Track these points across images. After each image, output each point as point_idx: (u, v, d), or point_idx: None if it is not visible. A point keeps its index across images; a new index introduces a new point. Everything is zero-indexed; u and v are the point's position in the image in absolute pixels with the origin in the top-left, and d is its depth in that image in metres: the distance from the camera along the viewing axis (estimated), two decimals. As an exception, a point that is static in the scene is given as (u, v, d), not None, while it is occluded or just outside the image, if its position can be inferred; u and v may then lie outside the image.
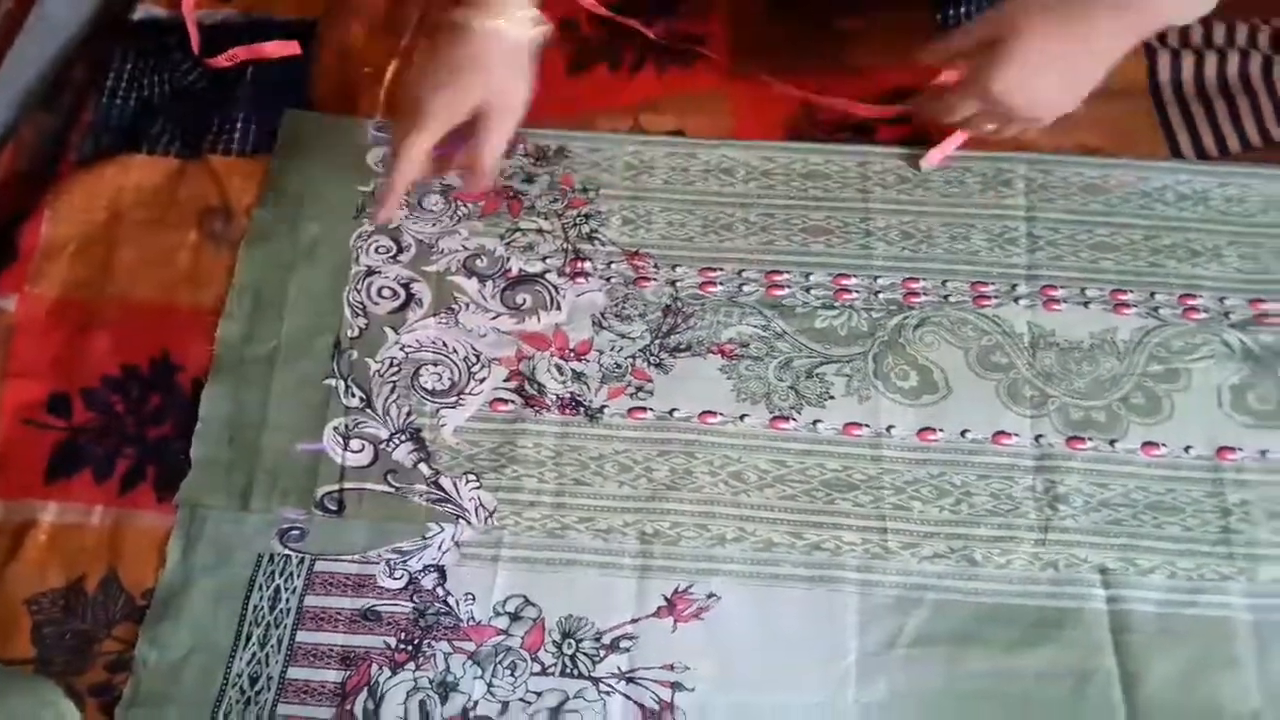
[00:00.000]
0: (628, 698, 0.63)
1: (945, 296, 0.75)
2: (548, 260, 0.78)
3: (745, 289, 0.76)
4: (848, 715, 0.62)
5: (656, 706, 0.63)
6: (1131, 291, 0.75)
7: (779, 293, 0.76)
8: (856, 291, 0.76)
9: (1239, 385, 0.72)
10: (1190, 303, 0.75)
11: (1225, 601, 0.65)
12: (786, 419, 0.71)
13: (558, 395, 0.73)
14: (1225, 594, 0.65)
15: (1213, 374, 0.72)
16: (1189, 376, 0.72)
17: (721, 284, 0.77)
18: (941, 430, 0.71)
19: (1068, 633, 0.64)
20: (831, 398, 0.72)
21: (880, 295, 0.76)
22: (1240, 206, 0.78)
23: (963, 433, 0.71)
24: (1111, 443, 0.70)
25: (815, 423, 0.71)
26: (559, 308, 0.76)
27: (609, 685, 0.63)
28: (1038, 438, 0.70)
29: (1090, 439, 0.70)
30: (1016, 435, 0.70)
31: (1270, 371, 0.72)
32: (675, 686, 0.63)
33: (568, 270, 0.77)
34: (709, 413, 0.72)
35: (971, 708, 0.62)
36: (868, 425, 0.71)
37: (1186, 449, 0.70)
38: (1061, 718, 0.62)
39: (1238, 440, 0.70)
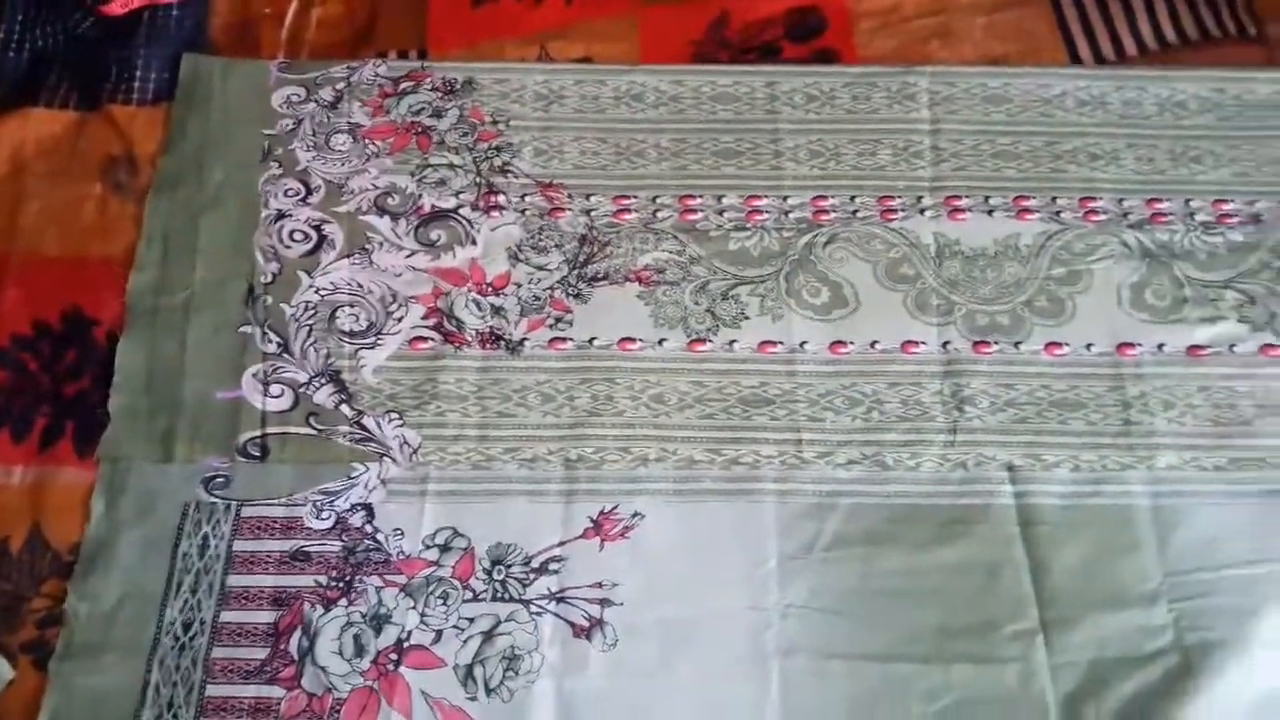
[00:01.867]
0: (558, 616, 0.65)
1: (854, 212, 0.77)
2: (460, 195, 0.78)
3: (660, 215, 0.77)
4: (770, 617, 0.64)
5: (587, 623, 0.64)
6: (1034, 197, 0.77)
7: (692, 217, 0.77)
8: (768, 212, 0.77)
9: (1138, 283, 0.74)
10: (1090, 205, 0.77)
11: (1126, 490, 0.68)
12: (703, 341, 0.73)
13: (477, 330, 0.73)
14: (1126, 483, 0.68)
15: (1113, 273, 0.75)
16: (1090, 277, 0.75)
17: (636, 211, 0.77)
18: (852, 343, 0.72)
19: (978, 528, 0.67)
20: (746, 318, 0.73)
21: (791, 215, 0.77)
22: (1136, 110, 0.80)
23: (872, 344, 0.72)
24: (1016, 345, 0.72)
25: (731, 343, 0.72)
26: (474, 242, 0.76)
27: (540, 606, 0.65)
28: (945, 344, 0.72)
29: (995, 342, 0.72)
30: (924, 343, 0.72)
31: (1166, 268, 0.75)
32: (604, 603, 0.65)
33: (481, 204, 0.77)
34: (628, 339, 0.73)
35: (887, 604, 0.65)
36: (781, 343, 0.72)
37: (1088, 347, 0.72)
38: (974, 608, 0.65)
39: (1136, 336, 0.72)
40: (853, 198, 0.77)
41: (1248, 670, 0.63)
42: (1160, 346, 0.72)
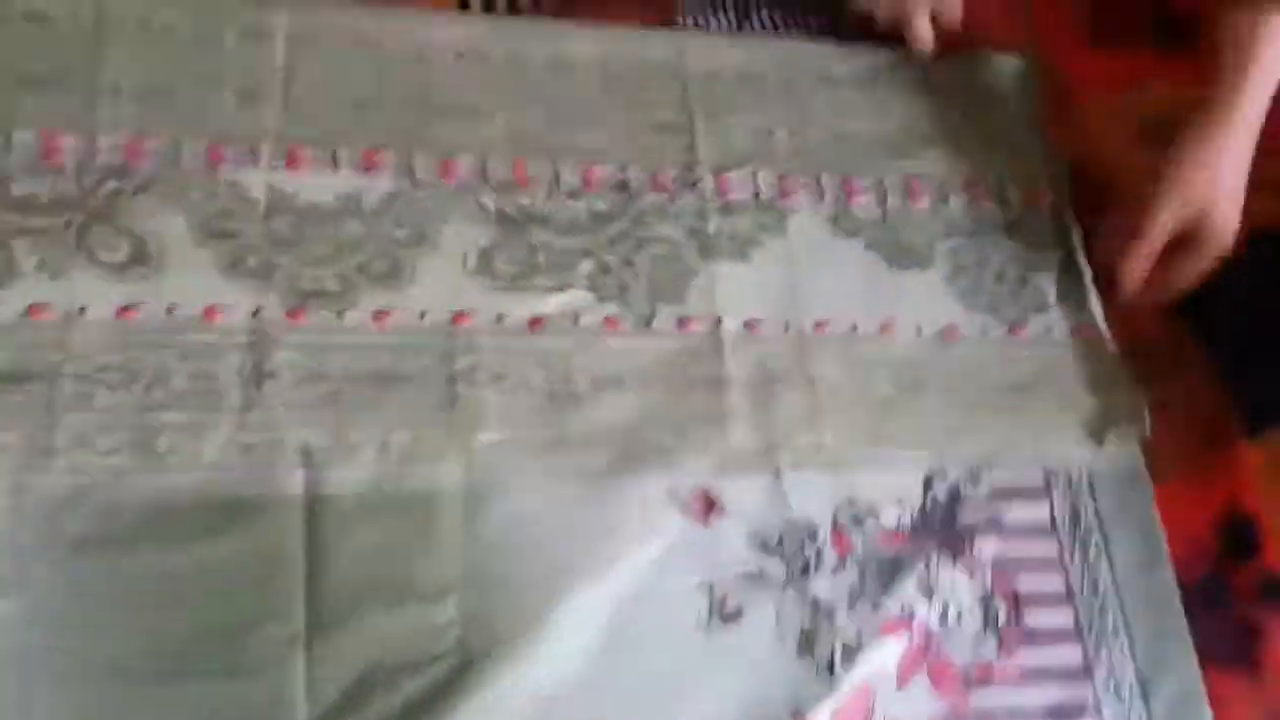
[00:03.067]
0: None
1: (176, 160, 0.67)
2: None
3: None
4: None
5: None
6: (388, 152, 0.70)
7: (-23, 157, 0.64)
8: (70, 154, 0.65)
9: (488, 248, 0.69)
10: (451, 165, 0.71)
11: (437, 471, 0.62)
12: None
13: None
14: (438, 465, 0.62)
15: (463, 237, 0.69)
16: (437, 240, 0.68)
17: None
18: (145, 305, 0.62)
19: (258, 521, 0.59)
20: (21, 276, 0.62)
21: (99, 159, 0.66)
22: (520, 67, 0.75)
23: (169, 310, 0.63)
24: (339, 313, 0.65)
25: (-4, 306, 0.61)
26: None
27: None
28: (256, 311, 0.64)
29: (316, 310, 0.65)
30: (231, 309, 0.63)
31: (522, 233, 0.70)
32: None
33: None
34: None
35: (135, 612, 0.56)
36: (56, 305, 0.61)
37: (421, 316, 0.66)
38: (231, 614, 0.57)
39: (476, 304, 0.67)
40: (178, 142, 0.67)
41: (530, 670, 0.58)
42: (500, 317, 0.67)
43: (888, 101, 0.81)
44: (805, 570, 0.66)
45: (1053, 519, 0.72)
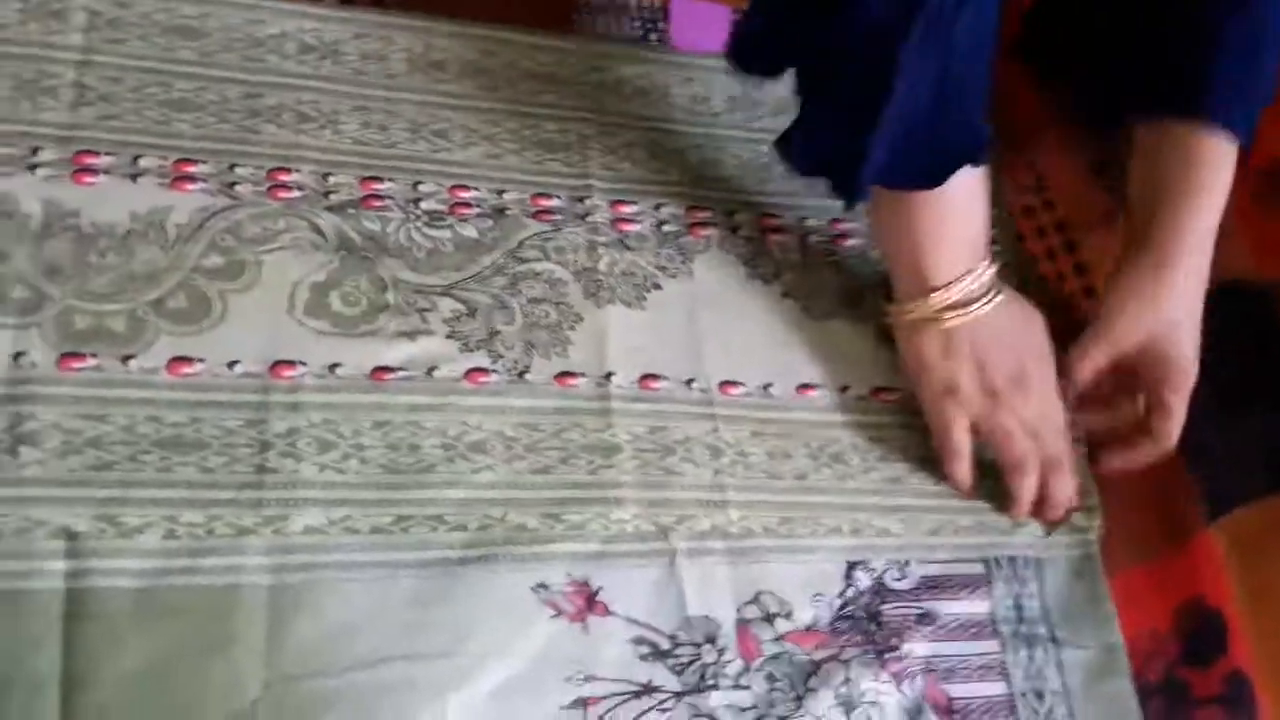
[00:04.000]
0: None
1: (-76, 163, 0.53)
2: None
3: None
4: None
5: None
6: (205, 162, 0.57)
7: None
8: None
9: (324, 283, 0.57)
10: (283, 179, 0.58)
11: (238, 564, 0.49)
12: None
13: None
14: (240, 553, 0.49)
15: (290, 268, 0.56)
16: (257, 271, 0.56)
17: None
18: None
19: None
20: None
21: None
22: (378, 65, 0.63)
23: (-102, 354, 0.49)
24: (125, 359, 0.52)
25: None
26: None
27: None
28: (17, 355, 0.50)
29: (95, 355, 0.51)
30: (-16, 354, 0.50)
31: (368, 265, 0.58)
32: None
33: None
34: None
35: None
36: None
37: (231, 365, 0.53)
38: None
39: (303, 352, 0.54)
40: (-72, 142, 0.54)
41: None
42: (334, 367, 0.55)
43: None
44: (702, 681, 0.54)
45: (993, 615, 0.61)
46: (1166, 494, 0.66)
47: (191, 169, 0.57)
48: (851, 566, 0.60)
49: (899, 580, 0.60)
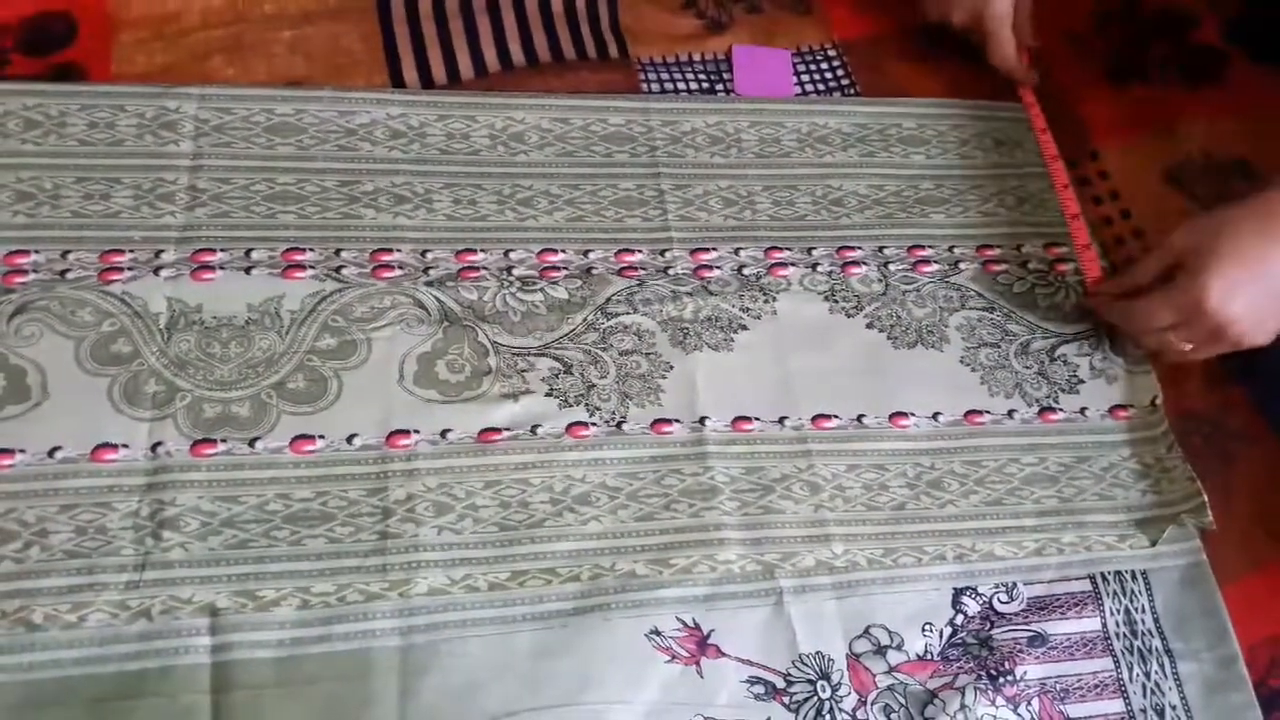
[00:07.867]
0: None
1: (63, 272, 0.58)
2: None
3: None
4: None
5: None
6: (311, 250, 0.61)
7: None
8: (-65, 275, 0.57)
9: (429, 354, 0.60)
10: (385, 259, 0.62)
11: (368, 629, 0.52)
12: None
13: None
14: (369, 619, 0.52)
15: (397, 343, 0.60)
16: (367, 349, 0.59)
17: None
18: (22, 452, 0.53)
19: (149, 702, 0.49)
20: None
21: (-24, 277, 0.57)
22: (465, 144, 0.67)
23: (51, 452, 0.53)
24: (252, 442, 0.55)
25: None
26: None
27: None
28: (155, 446, 0.54)
29: (224, 441, 0.55)
30: (126, 447, 0.54)
31: (469, 333, 0.61)
32: None
33: None
34: None
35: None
36: (-92, 456, 0.52)
37: (350, 440, 0.56)
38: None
39: (415, 421, 0.57)
40: (66, 253, 0.58)
41: None
42: (445, 433, 0.58)
43: (880, 159, 0.72)
44: (819, 717, 0.55)
45: (1104, 632, 0.61)
46: (1277, 493, 0.66)
47: (300, 257, 0.61)
48: (958, 593, 0.60)
49: (1007, 603, 0.61)
